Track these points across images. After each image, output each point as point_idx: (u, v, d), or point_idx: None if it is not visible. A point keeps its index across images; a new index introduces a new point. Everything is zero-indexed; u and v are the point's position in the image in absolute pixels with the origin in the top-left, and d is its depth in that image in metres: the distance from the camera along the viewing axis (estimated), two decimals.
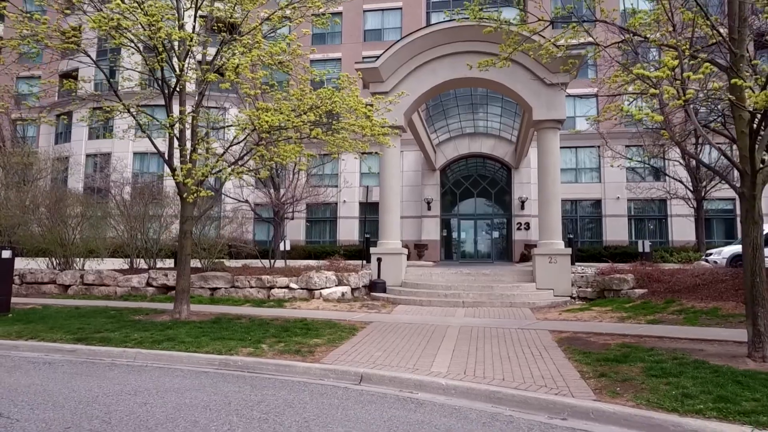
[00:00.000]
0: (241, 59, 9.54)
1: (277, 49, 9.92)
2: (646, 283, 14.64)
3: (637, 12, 7.83)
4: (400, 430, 4.86)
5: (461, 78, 17.87)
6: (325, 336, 9.53)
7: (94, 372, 7.35)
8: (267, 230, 32.41)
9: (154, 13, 8.90)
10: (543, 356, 7.84)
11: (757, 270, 6.94)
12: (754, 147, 6.73)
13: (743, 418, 4.84)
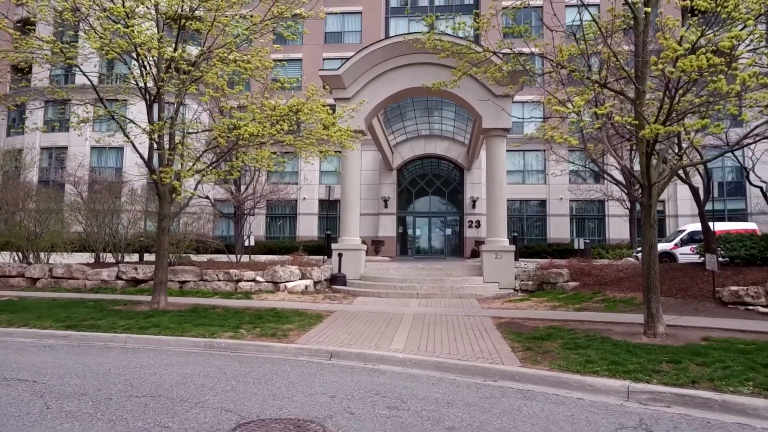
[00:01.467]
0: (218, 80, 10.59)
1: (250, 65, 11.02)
2: (579, 276, 16.47)
3: (564, 49, 9.39)
4: (367, 389, 6.18)
5: (419, 87, 19.26)
6: (295, 322, 10.73)
7: (95, 353, 8.34)
8: (227, 226, 33.04)
9: (145, 41, 9.82)
10: (483, 336, 9.34)
11: (652, 264, 8.64)
12: (650, 165, 8.40)
13: (626, 375, 6.42)
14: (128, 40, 10.06)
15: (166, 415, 4.92)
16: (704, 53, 6.22)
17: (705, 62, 6.35)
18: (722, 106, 7.48)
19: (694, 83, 7.16)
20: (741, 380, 6.04)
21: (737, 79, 6.48)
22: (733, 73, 6.34)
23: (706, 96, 7.35)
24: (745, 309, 11.26)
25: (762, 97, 6.84)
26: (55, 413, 4.91)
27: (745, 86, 6.75)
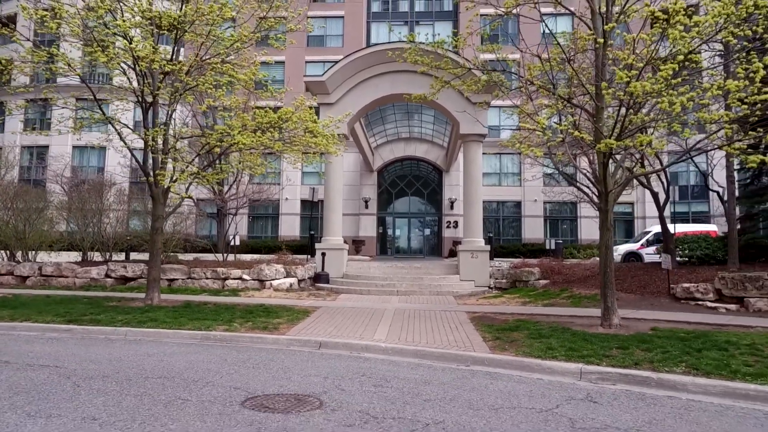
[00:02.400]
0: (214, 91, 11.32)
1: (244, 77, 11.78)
2: (549, 275, 17.52)
3: (532, 67, 10.35)
4: (355, 372, 7.02)
5: (399, 94, 20.15)
6: (284, 317, 11.50)
7: (100, 344, 9.01)
8: (210, 225, 33.49)
9: (146, 55, 10.47)
10: (458, 329, 10.24)
11: (608, 263, 9.65)
12: (606, 174, 9.40)
13: (580, 359, 7.37)
14: (131, 54, 10.69)
15: (183, 391, 5.69)
16: (648, 79, 7.20)
17: (649, 87, 7.34)
18: (667, 123, 8.48)
19: (642, 105, 8.14)
20: (676, 362, 7.03)
21: (677, 103, 7.47)
22: (671, 97, 7.32)
23: (654, 115, 8.36)
24: (695, 304, 12.39)
25: (702, 116, 7.84)
26: (86, 390, 5.64)
27: (685, 108, 7.75)
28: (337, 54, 35.28)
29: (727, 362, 6.89)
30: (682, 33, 7.33)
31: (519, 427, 4.76)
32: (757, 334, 8.75)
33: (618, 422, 4.98)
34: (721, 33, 8.25)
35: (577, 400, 5.78)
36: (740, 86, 7.13)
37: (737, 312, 11.64)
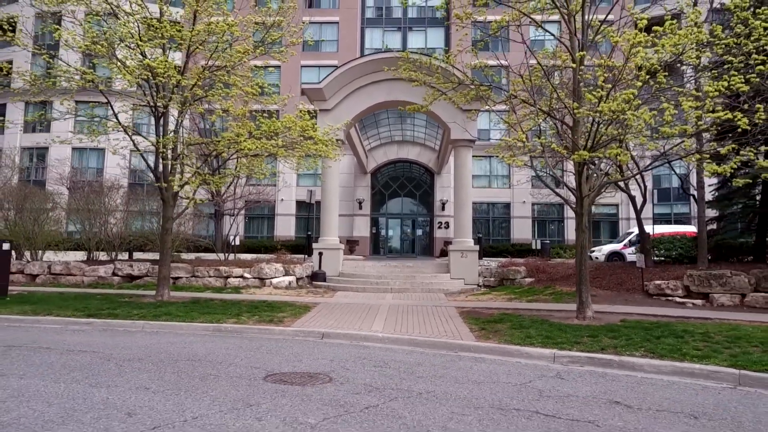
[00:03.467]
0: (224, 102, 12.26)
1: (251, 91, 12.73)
2: (535, 273, 18.56)
3: (515, 82, 11.36)
4: (357, 356, 7.98)
5: (393, 101, 21.17)
6: (287, 311, 12.44)
7: (122, 335, 9.91)
8: (207, 225, 34.33)
9: (164, 71, 11.36)
10: (448, 321, 11.24)
11: (583, 262, 10.68)
12: (581, 181, 10.43)
13: (554, 345, 8.38)
14: (149, 70, 11.57)
15: (212, 369, 6.63)
16: (614, 100, 8.23)
17: (615, 106, 8.37)
18: (633, 136, 9.53)
19: (612, 121, 9.17)
20: (637, 347, 8.07)
21: (641, 120, 8.51)
22: (632, 116, 8.36)
23: (622, 129, 9.39)
24: (666, 299, 13.48)
25: (664, 131, 8.87)
26: (130, 369, 6.57)
27: (649, 124, 8.80)
28: (332, 59, 36.28)
29: (680, 347, 7.94)
30: (645, 56, 8.36)
31: (496, 395, 5.75)
32: (712, 325, 9.82)
33: (578, 392, 5.99)
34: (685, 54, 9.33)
35: (547, 377, 6.78)
36: (693, 106, 8.17)
37: (702, 306, 12.73)
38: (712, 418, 5.04)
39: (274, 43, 14.19)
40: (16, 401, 4.99)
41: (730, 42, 9.53)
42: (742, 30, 9.51)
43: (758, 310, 12.15)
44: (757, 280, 12.71)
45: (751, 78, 8.90)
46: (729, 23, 9.76)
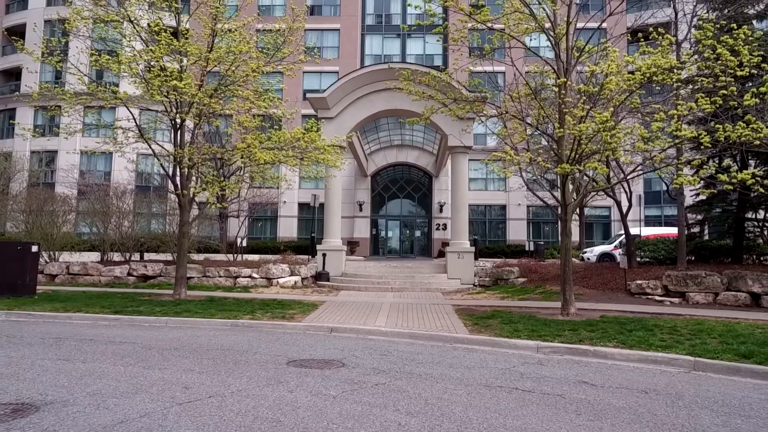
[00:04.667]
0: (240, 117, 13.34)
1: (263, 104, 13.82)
2: (527, 273, 19.66)
3: (506, 100, 12.44)
4: (364, 347, 9.06)
5: (393, 109, 22.26)
6: (296, 309, 13.50)
7: (150, 329, 10.97)
8: (211, 227, 35.38)
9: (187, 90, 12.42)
10: (444, 318, 12.32)
11: (567, 263, 11.78)
12: (565, 190, 11.52)
13: (539, 338, 9.47)
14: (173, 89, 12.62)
15: (241, 356, 7.71)
16: (592, 120, 9.32)
17: (594, 127, 9.46)
18: (611, 152, 10.63)
19: (591, 138, 10.25)
20: (610, 339, 9.16)
21: (617, 137, 9.61)
22: (605, 135, 9.46)
23: (600, 146, 10.48)
24: (647, 298, 14.59)
25: (638, 146, 9.96)
26: (170, 356, 7.64)
27: (624, 141, 9.90)
28: (333, 65, 37.35)
29: (648, 339, 9.03)
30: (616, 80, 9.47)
31: (483, 377, 6.83)
32: (681, 320, 10.92)
33: (554, 375, 7.07)
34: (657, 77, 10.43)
35: (529, 364, 7.87)
36: (661, 126, 9.28)
37: (679, 304, 13.84)
38: (659, 393, 6.12)
39: (284, 60, 15.28)
40: (91, 378, 6.05)
41: (700, 65, 10.65)
42: (710, 54, 10.63)
43: (728, 307, 13.26)
44: (729, 280, 13.81)
45: (715, 99, 9.99)
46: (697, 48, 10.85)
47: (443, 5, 11.62)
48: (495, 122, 34.45)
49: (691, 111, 10.62)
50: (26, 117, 37.35)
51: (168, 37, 12.60)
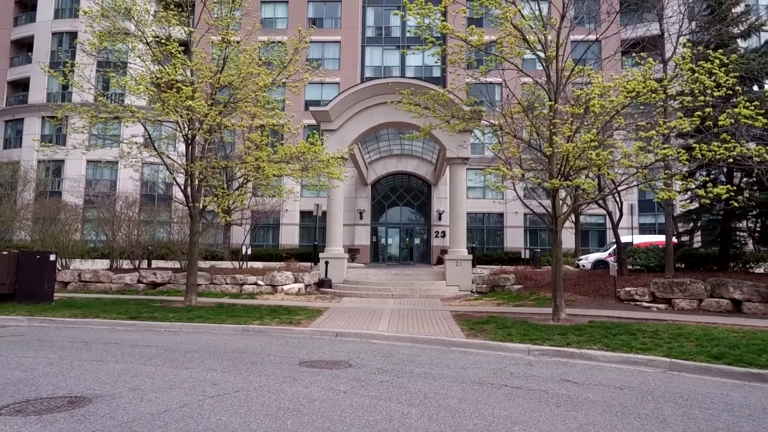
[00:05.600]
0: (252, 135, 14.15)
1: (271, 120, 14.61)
2: (523, 280, 20.38)
3: (499, 117, 13.24)
4: (368, 350, 9.80)
5: (394, 122, 23.07)
6: (302, 315, 14.24)
7: (166, 334, 11.70)
8: (215, 235, 36.15)
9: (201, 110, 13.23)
10: (443, 323, 13.07)
11: (558, 272, 12.54)
12: (555, 203, 12.30)
13: (530, 341, 10.21)
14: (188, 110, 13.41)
15: (256, 358, 8.45)
16: (578, 141, 10.12)
17: (580, 145, 10.26)
18: (597, 168, 11.43)
19: (578, 156, 11.05)
20: (596, 342, 9.91)
21: (602, 155, 10.40)
22: (590, 154, 10.26)
23: (587, 162, 11.29)
24: (635, 304, 15.33)
25: (623, 163, 10.74)
26: (192, 357, 8.38)
27: (609, 159, 10.69)
28: (334, 76, 38.21)
29: (630, 342, 9.79)
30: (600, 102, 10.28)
31: (477, 376, 7.58)
32: (663, 325, 11.68)
33: (541, 374, 7.82)
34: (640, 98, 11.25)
35: (520, 364, 8.62)
36: (642, 146, 10.07)
37: (665, 310, 14.59)
38: (633, 389, 6.87)
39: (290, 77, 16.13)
40: (128, 376, 6.80)
41: (682, 85, 11.47)
42: (689, 76, 11.46)
43: (711, 313, 14.01)
44: (712, 287, 14.58)
45: (693, 120, 10.80)
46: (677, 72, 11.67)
47: (441, 32, 12.40)
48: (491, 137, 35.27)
49: (673, 129, 11.42)
50: (34, 127, 38.22)
51: (183, 59, 13.42)
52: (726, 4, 17.39)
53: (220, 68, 14.20)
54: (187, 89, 12.99)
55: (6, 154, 38.32)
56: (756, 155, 10.37)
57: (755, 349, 8.91)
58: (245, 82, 14.11)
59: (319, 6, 40.19)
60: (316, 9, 40.21)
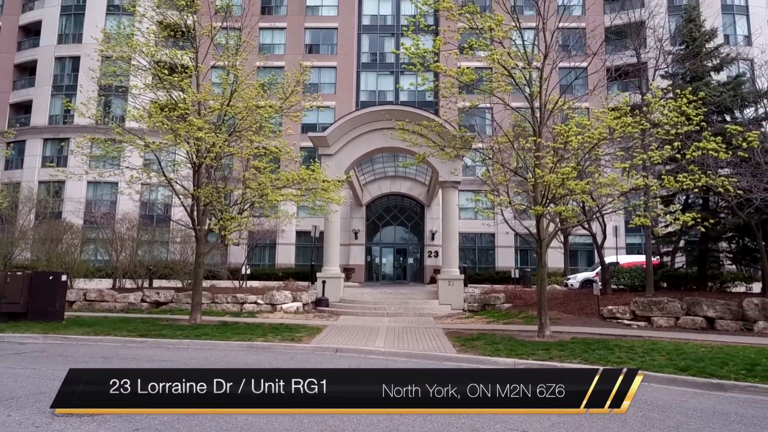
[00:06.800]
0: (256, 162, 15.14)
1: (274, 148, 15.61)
2: (512, 299, 21.28)
3: (487, 147, 14.28)
4: (365, 364, 10.63)
5: (389, 147, 24.11)
6: (303, 332, 15.04)
7: (178, 351, 12.46)
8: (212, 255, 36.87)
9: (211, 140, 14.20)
10: (436, 340, 13.92)
11: (543, 291, 13.47)
12: (540, 227, 13.28)
13: (516, 356, 11.09)
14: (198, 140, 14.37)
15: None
16: (557, 173, 11.15)
17: (560, 176, 11.29)
18: (577, 196, 12.45)
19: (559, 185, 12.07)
20: (576, 356, 10.81)
21: (580, 185, 11.42)
22: (569, 184, 11.29)
23: (567, 191, 12.32)
24: (617, 321, 16.25)
25: (601, 191, 11.78)
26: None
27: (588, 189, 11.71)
28: (330, 100, 39.39)
29: (607, 356, 10.69)
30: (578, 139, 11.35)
31: None
32: (639, 341, 12.61)
33: None
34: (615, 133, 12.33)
35: None
36: (615, 177, 11.11)
37: (645, 327, 15.52)
38: None
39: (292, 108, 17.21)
40: None
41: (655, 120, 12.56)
42: (661, 111, 12.57)
43: (687, 330, 14.96)
44: (688, 306, 15.54)
45: (662, 154, 11.87)
46: (645, 108, 12.77)
47: (434, 69, 13.48)
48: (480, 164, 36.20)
49: (647, 160, 12.47)
50: (36, 148, 39.02)
51: (194, 93, 14.43)
52: (699, 40, 18.66)
53: (227, 101, 15.21)
54: (198, 121, 13.96)
55: (7, 174, 39.01)
56: (720, 186, 11.44)
57: (718, 362, 9.84)
58: (251, 113, 15.11)
59: (316, 33, 41.55)
60: (313, 36, 41.55)
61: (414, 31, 13.15)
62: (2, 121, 40.34)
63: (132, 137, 15.01)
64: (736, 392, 8.36)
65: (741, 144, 11.62)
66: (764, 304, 14.47)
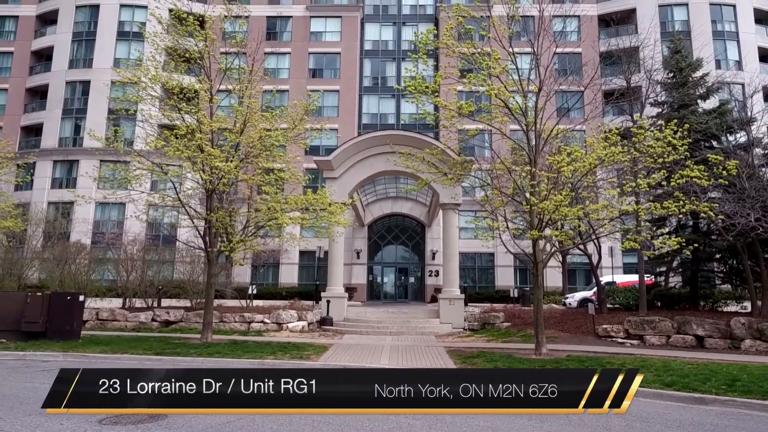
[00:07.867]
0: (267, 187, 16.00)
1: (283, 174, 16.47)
2: (511, 318, 21.94)
3: (485, 173, 15.13)
4: None
5: (391, 171, 24.99)
6: (310, 350, 15.72)
7: (192, 367, 13.14)
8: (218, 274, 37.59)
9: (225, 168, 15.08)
10: (437, 357, 14.60)
11: (539, 311, 14.19)
12: (536, 250, 14.04)
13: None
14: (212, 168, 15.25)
15: None
16: (551, 201, 11.99)
17: (554, 203, 12.11)
18: (570, 221, 13.26)
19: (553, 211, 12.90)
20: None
21: (572, 211, 12.23)
22: (562, 210, 12.10)
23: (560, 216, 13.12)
24: (611, 340, 16.93)
25: (592, 217, 12.59)
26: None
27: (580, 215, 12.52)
28: (333, 123, 40.47)
29: None
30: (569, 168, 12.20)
31: None
32: (631, 358, 13.30)
33: None
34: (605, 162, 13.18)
35: None
36: (605, 204, 11.93)
37: (637, 345, 16.20)
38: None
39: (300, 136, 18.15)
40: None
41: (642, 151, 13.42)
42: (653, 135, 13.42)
43: (678, 348, 15.64)
44: (679, 325, 16.24)
45: (649, 182, 12.70)
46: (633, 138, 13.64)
47: (434, 102, 14.39)
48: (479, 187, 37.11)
49: (635, 187, 13.30)
50: (45, 170, 39.97)
51: (209, 123, 15.35)
52: (685, 70, 19.65)
53: (240, 130, 16.13)
54: (215, 151, 14.85)
55: (17, 195, 39.85)
56: (702, 211, 12.25)
57: (702, 378, 10.55)
58: (262, 141, 16.00)
59: (320, 58, 42.80)
60: (316, 60, 42.79)
61: (415, 67, 14.04)
62: (13, 143, 41.36)
63: (151, 165, 15.88)
64: (716, 405, 9.06)
65: (722, 172, 12.45)
66: (750, 323, 15.18)
